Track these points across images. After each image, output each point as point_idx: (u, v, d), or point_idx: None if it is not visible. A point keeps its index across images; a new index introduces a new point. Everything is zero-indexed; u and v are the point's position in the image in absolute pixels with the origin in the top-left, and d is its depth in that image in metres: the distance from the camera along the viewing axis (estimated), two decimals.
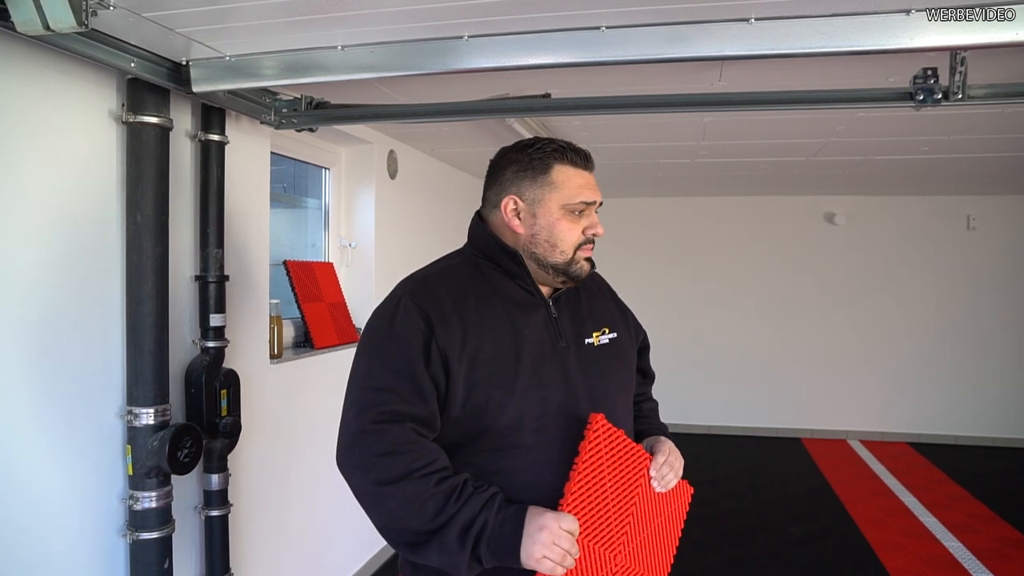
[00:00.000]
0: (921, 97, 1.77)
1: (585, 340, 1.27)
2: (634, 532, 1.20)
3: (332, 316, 3.03)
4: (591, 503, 1.13)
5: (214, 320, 2.02)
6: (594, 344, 1.27)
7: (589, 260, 1.26)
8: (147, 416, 1.75)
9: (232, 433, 2.07)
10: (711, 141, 3.48)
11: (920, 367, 5.58)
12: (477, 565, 1.07)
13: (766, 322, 5.81)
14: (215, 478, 2.07)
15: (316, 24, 1.53)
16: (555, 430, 1.16)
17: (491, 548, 1.05)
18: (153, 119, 1.74)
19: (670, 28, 1.46)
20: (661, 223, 5.96)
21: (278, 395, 2.52)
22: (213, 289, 2.02)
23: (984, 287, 5.49)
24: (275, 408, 2.50)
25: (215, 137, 2.02)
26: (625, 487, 1.18)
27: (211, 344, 2.02)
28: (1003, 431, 5.47)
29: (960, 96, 1.74)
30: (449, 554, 1.05)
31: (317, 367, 2.79)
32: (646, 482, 1.22)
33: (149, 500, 1.76)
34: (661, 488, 1.24)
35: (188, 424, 1.83)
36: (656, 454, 1.25)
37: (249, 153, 2.29)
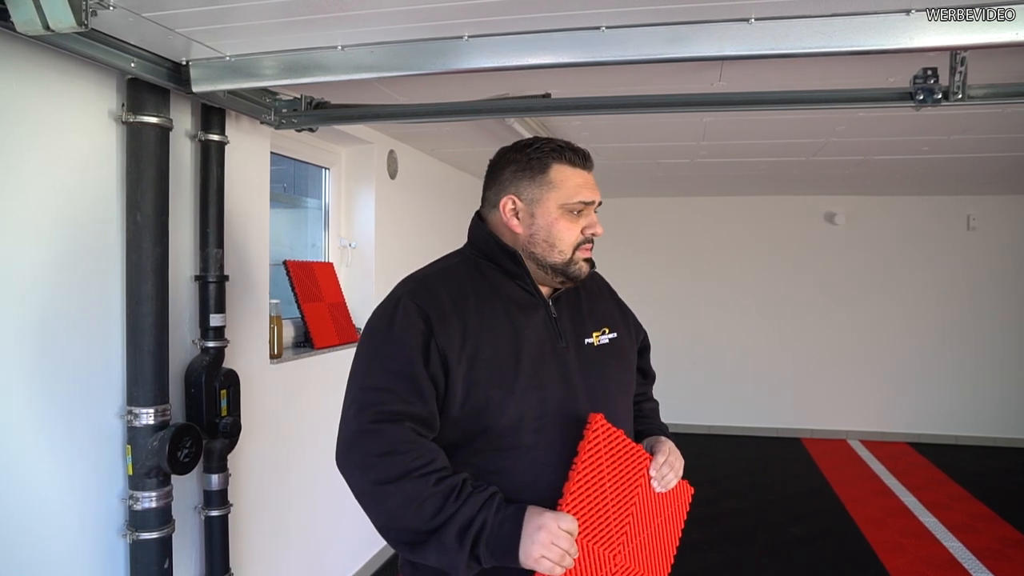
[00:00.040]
0: (921, 97, 1.77)
1: (585, 340, 1.27)
2: (634, 532, 1.20)
3: (332, 316, 3.03)
4: (590, 503, 1.13)
5: (214, 320, 2.02)
6: (594, 344, 1.27)
7: (588, 260, 1.26)
8: (147, 416, 1.75)
9: (232, 433, 2.07)
10: (711, 141, 3.48)
11: (920, 367, 5.58)
12: (476, 565, 1.07)
13: (766, 322, 5.81)
14: (215, 478, 2.07)
15: (316, 24, 1.53)
16: (555, 430, 1.16)
17: (490, 548, 1.05)
18: (153, 119, 1.74)
19: (670, 28, 1.46)
20: (661, 223, 5.96)
21: (278, 395, 2.52)
22: (213, 289, 2.03)
23: (984, 287, 5.49)
24: (275, 408, 2.50)
25: (215, 137, 2.02)
26: (625, 487, 1.18)
27: (211, 344, 2.02)
28: (1003, 431, 5.47)
29: (960, 96, 1.74)
30: (448, 554, 1.05)
31: (317, 367, 2.79)
32: (646, 482, 1.22)
33: (149, 500, 1.76)
34: (661, 488, 1.24)
35: (188, 424, 1.83)
36: (656, 454, 1.25)
37: (249, 153, 2.29)
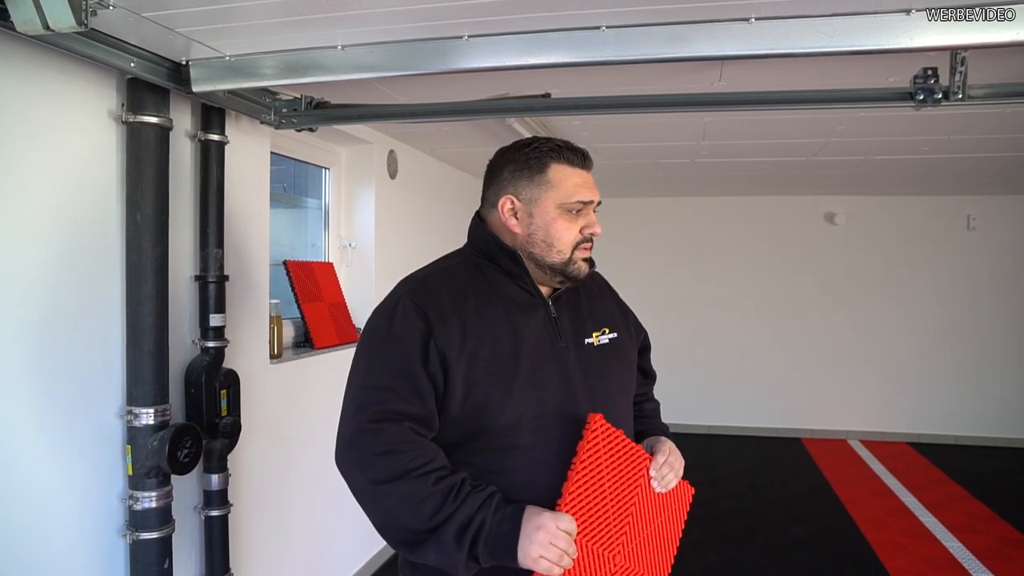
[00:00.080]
0: (921, 97, 1.77)
1: (585, 340, 1.26)
2: (634, 532, 1.20)
3: (332, 316, 3.03)
4: (589, 503, 1.12)
5: (214, 320, 2.02)
6: (594, 344, 1.27)
7: (588, 260, 1.25)
8: (147, 416, 1.75)
9: (232, 433, 2.07)
10: (711, 141, 3.48)
11: (920, 367, 5.58)
12: (474, 564, 1.07)
13: (766, 322, 5.81)
14: (215, 478, 2.07)
15: (316, 24, 1.53)
16: (554, 430, 1.16)
17: (488, 547, 1.05)
18: (153, 119, 1.74)
19: (670, 28, 1.45)
20: (661, 223, 5.95)
21: (278, 395, 2.52)
22: (213, 289, 2.02)
23: (984, 287, 5.49)
24: (275, 408, 2.50)
25: (215, 137, 2.02)
26: (624, 487, 1.18)
27: (211, 344, 2.02)
28: (1003, 431, 5.47)
29: (960, 96, 1.73)
30: (446, 553, 1.05)
31: (317, 367, 2.79)
32: (646, 482, 1.22)
33: (149, 500, 1.76)
34: (661, 488, 1.24)
35: (188, 424, 1.83)
36: (656, 454, 1.25)
37: (249, 153, 2.29)
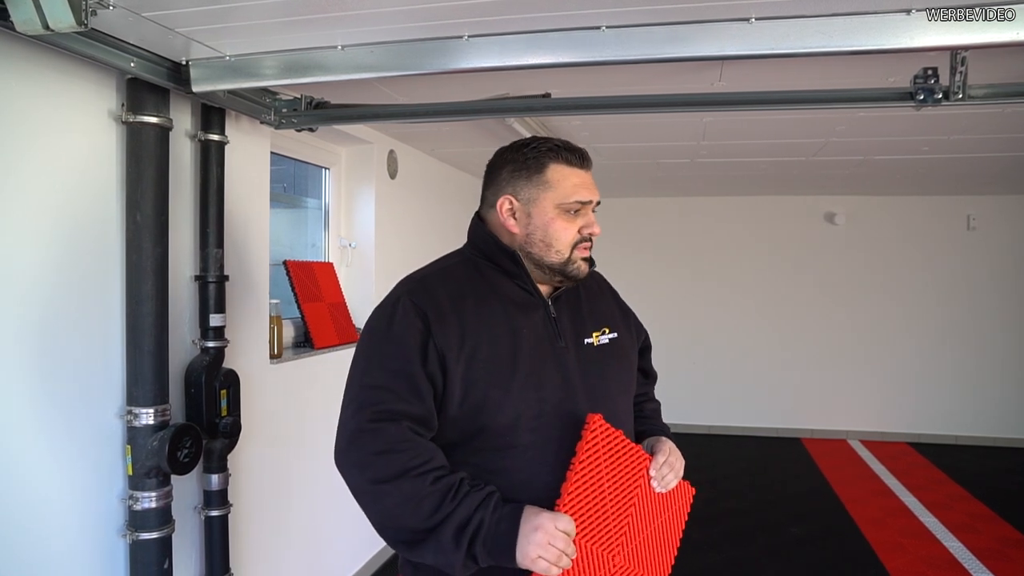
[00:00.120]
0: (921, 97, 1.77)
1: (585, 340, 1.26)
2: (633, 533, 1.20)
3: (332, 316, 3.03)
4: (588, 503, 1.12)
5: (214, 320, 2.02)
6: (594, 344, 1.27)
7: (587, 260, 1.25)
8: (147, 416, 1.75)
9: (232, 433, 2.07)
10: (711, 141, 3.48)
11: (920, 367, 5.58)
12: (473, 564, 1.07)
13: (766, 322, 5.81)
14: (215, 478, 2.07)
15: (316, 24, 1.53)
16: (553, 430, 1.16)
17: (487, 547, 1.05)
18: (153, 119, 1.74)
19: (670, 28, 1.45)
20: (661, 223, 5.95)
21: (278, 395, 2.52)
22: (213, 289, 2.02)
23: (984, 287, 5.49)
24: (275, 408, 2.50)
25: (215, 137, 2.02)
26: (624, 487, 1.18)
27: (211, 344, 2.02)
28: (1003, 431, 5.47)
29: (960, 96, 1.73)
30: (445, 553, 1.05)
31: (317, 367, 2.79)
32: (646, 483, 1.22)
33: (149, 500, 1.76)
34: (661, 488, 1.24)
35: (188, 424, 1.83)
36: (656, 454, 1.25)
37: (249, 153, 2.29)
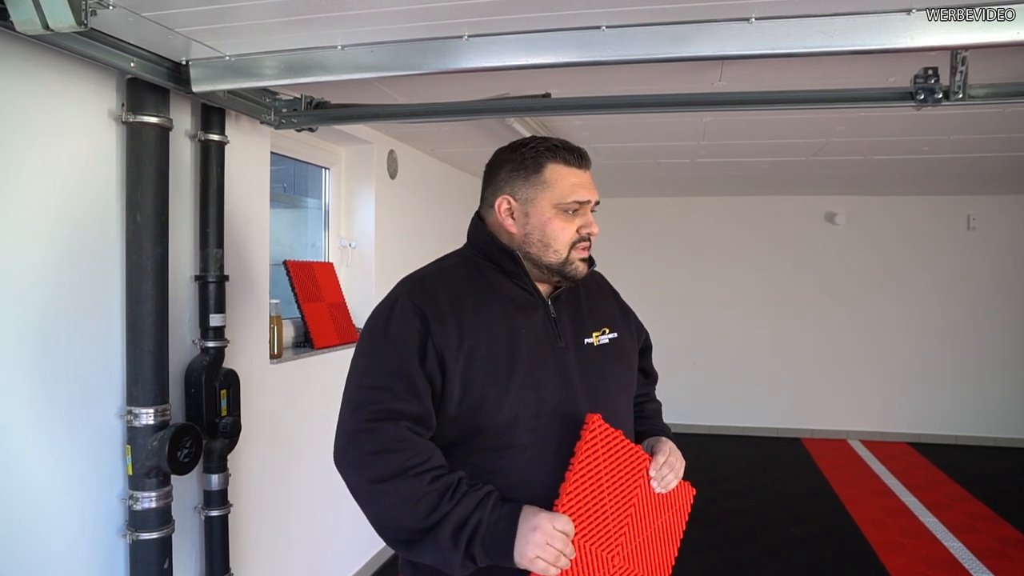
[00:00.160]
0: (922, 97, 1.77)
1: (585, 340, 1.26)
2: (633, 533, 1.20)
3: (332, 316, 3.03)
4: (587, 503, 1.12)
5: (214, 320, 2.02)
6: (594, 344, 1.27)
7: (585, 260, 1.25)
8: (147, 416, 1.75)
9: (232, 433, 2.07)
10: (711, 141, 3.48)
11: (920, 367, 5.58)
12: (471, 564, 1.07)
13: (766, 322, 5.81)
14: (215, 478, 2.07)
15: (316, 24, 1.53)
16: (552, 430, 1.16)
17: (485, 547, 1.05)
18: (153, 119, 1.74)
19: (670, 28, 1.45)
20: (661, 223, 5.95)
21: (278, 395, 2.52)
22: (213, 289, 2.02)
23: (984, 287, 5.49)
24: (275, 408, 2.49)
25: (215, 137, 2.02)
26: (623, 488, 1.18)
27: (211, 344, 2.02)
28: (1003, 431, 5.47)
29: (961, 96, 1.73)
30: (443, 552, 1.05)
31: (317, 367, 2.79)
32: (645, 483, 1.22)
33: (149, 500, 1.76)
34: (661, 489, 1.24)
35: (188, 424, 1.83)
36: (656, 454, 1.24)
37: (249, 153, 2.28)
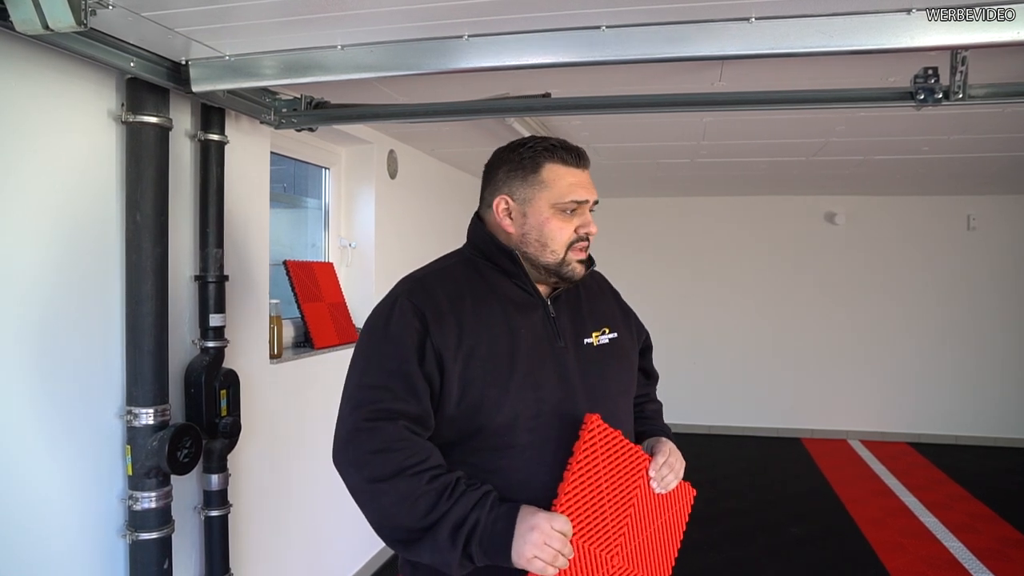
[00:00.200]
0: (922, 96, 1.77)
1: (584, 340, 1.26)
2: (632, 534, 1.20)
3: (332, 316, 3.03)
4: (586, 504, 1.12)
5: (214, 320, 2.02)
6: (593, 344, 1.27)
7: (583, 261, 1.24)
8: (147, 416, 1.75)
9: (232, 433, 2.07)
10: (711, 141, 3.48)
11: (920, 367, 5.58)
12: (469, 563, 1.07)
13: (766, 322, 5.81)
14: (215, 478, 2.07)
15: (315, 24, 1.53)
16: (551, 430, 1.16)
17: (482, 547, 1.05)
18: (153, 119, 1.74)
19: (670, 28, 1.45)
20: (661, 223, 5.95)
21: (278, 395, 2.52)
22: (213, 289, 2.02)
23: (984, 287, 5.49)
24: (275, 408, 2.49)
25: (215, 137, 2.02)
26: (622, 488, 1.18)
27: (211, 344, 2.02)
28: (1003, 431, 5.47)
29: (961, 96, 1.73)
30: (441, 552, 1.06)
31: (317, 367, 2.79)
32: (645, 483, 1.22)
33: (149, 500, 1.76)
34: (661, 489, 1.23)
35: (188, 424, 1.83)
36: (656, 455, 1.24)
37: (249, 153, 2.28)
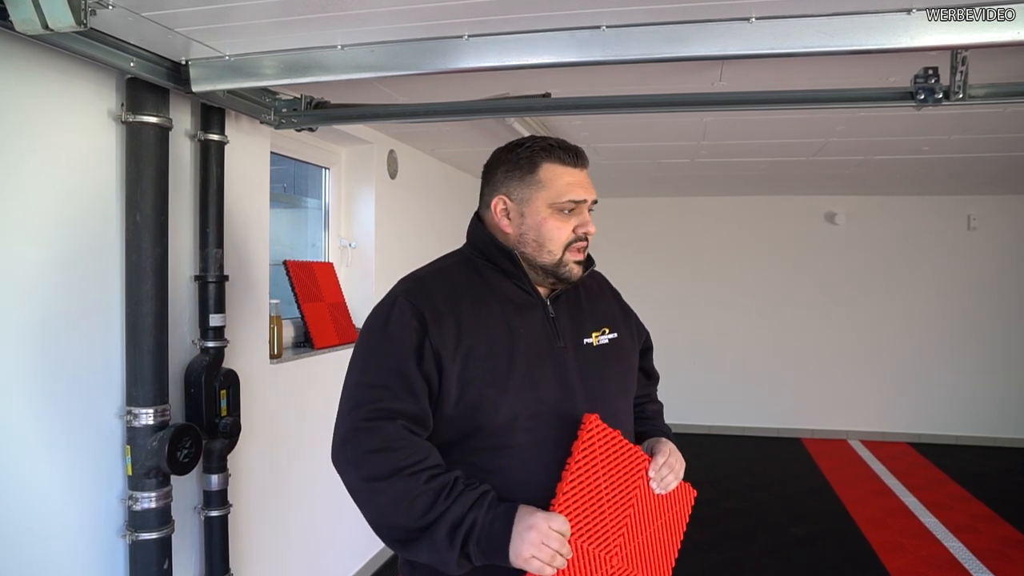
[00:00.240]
0: (922, 96, 1.77)
1: (584, 340, 1.26)
2: (632, 534, 1.20)
3: (332, 316, 3.03)
4: (584, 504, 1.12)
5: (214, 320, 2.02)
6: (593, 344, 1.27)
7: (580, 262, 1.24)
8: (146, 416, 1.75)
9: (232, 433, 2.07)
10: (711, 141, 3.48)
11: (920, 367, 5.58)
12: (467, 563, 1.07)
13: (766, 322, 5.81)
14: (215, 478, 2.07)
15: (315, 23, 1.53)
16: (550, 430, 1.16)
17: (480, 546, 1.05)
18: (152, 119, 1.74)
19: (670, 27, 1.45)
20: (661, 223, 5.95)
21: (278, 395, 2.52)
22: (213, 289, 2.02)
23: (985, 287, 5.49)
24: (275, 408, 2.49)
25: (215, 137, 2.02)
26: (621, 488, 1.18)
27: (211, 344, 2.02)
28: (1003, 431, 5.47)
29: (961, 96, 1.73)
30: (438, 551, 1.06)
31: (317, 367, 2.79)
32: (645, 484, 1.22)
33: (148, 500, 1.76)
34: (660, 490, 1.23)
35: (188, 424, 1.82)
36: (656, 455, 1.24)
37: (249, 153, 2.28)
